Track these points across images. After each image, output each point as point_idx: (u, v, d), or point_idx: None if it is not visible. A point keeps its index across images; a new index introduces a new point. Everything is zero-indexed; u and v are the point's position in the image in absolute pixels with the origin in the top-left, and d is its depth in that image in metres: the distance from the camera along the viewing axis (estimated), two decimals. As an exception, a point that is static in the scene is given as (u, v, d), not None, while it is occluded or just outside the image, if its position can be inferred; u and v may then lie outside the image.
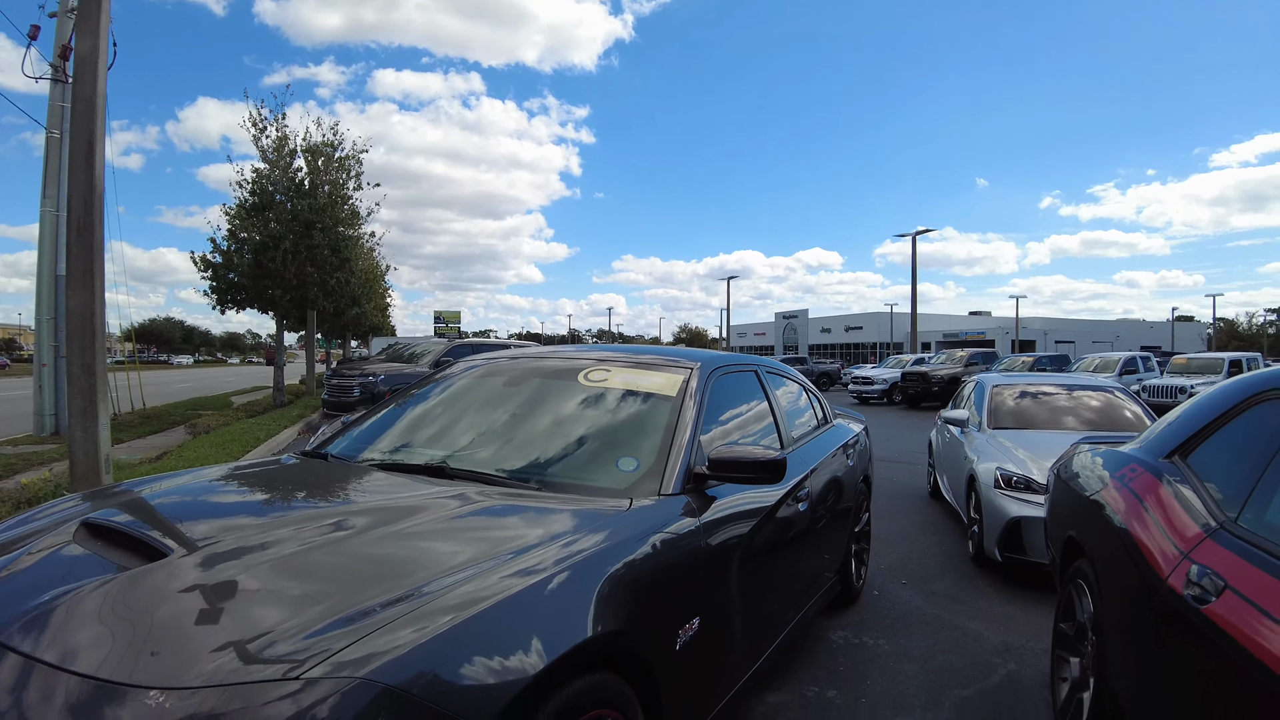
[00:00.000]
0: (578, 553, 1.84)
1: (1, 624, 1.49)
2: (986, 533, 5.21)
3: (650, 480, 2.43)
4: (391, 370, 14.51)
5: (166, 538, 1.83)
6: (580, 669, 1.62)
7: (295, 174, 17.15)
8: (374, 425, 3.24)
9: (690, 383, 2.92)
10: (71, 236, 6.64)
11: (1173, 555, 2.07)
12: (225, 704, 1.21)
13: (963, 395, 8.22)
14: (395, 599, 1.51)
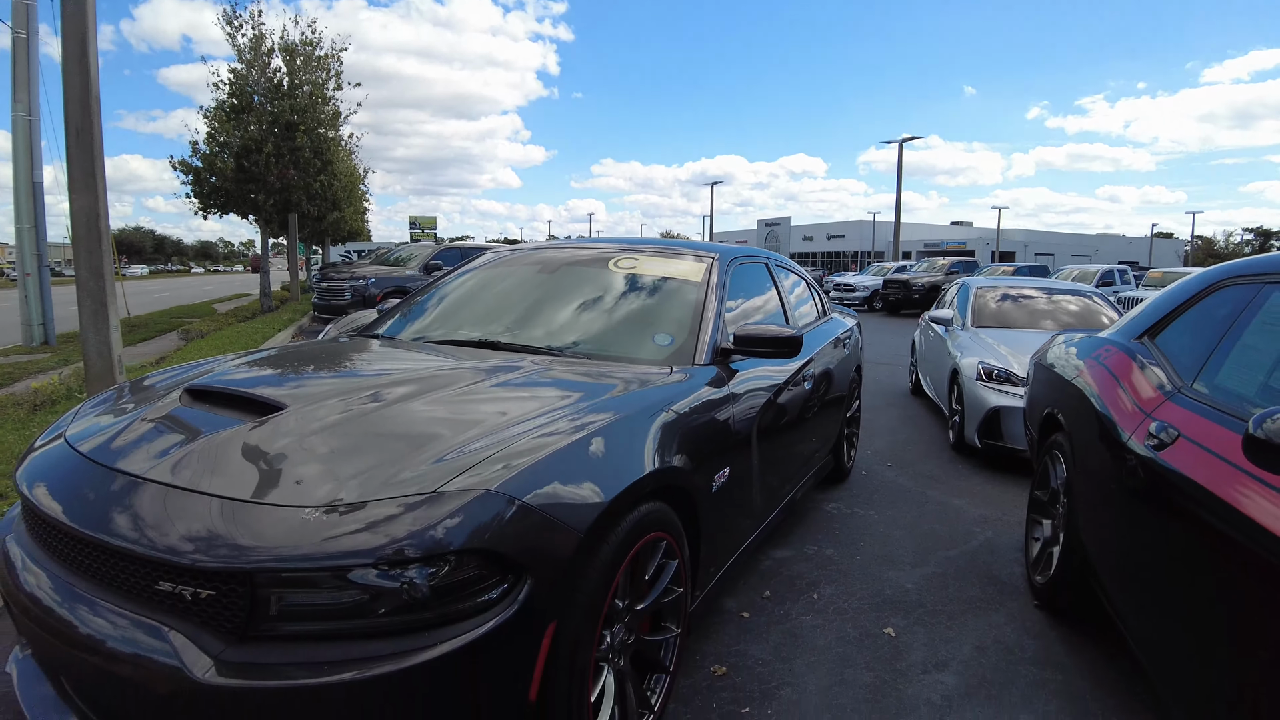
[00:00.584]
0: (638, 404, 2.17)
1: (156, 464, 1.76)
2: (967, 421, 5.58)
3: (684, 353, 2.75)
4: (382, 274, 14.59)
5: (279, 396, 2.09)
6: (645, 495, 1.96)
7: (274, 74, 16.80)
8: (419, 309, 3.47)
9: (713, 270, 3.21)
10: (70, 140, 6.63)
11: (1137, 415, 2.39)
12: (370, 513, 1.52)
13: (947, 297, 8.53)
14: (499, 437, 1.81)
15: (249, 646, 1.45)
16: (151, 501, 1.65)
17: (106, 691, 1.64)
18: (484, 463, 1.67)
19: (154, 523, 1.59)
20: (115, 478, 1.77)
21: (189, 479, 1.69)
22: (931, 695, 2.49)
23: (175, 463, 1.78)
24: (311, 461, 1.72)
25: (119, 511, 1.66)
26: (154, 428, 2.03)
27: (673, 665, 2.22)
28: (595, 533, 1.73)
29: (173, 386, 2.39)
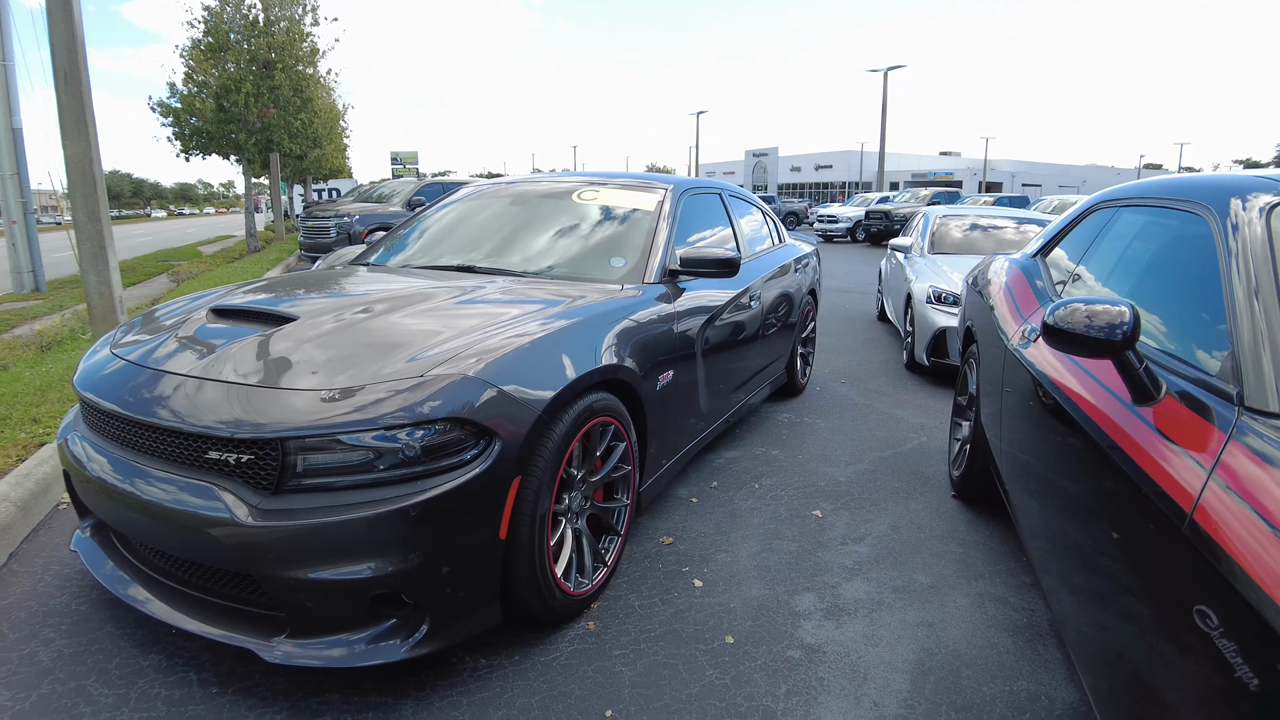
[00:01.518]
0: (591, 314, 2.63)
1: (198, 364, 2.21)
2: (918, 342, 6.04)
3: (635, 273, 3.20)
4: (366, 210, 14.82)
5: (291, 310, 2.54)
6: (594, 386, 2.42)
7: (249, 11, 16.70)
8: (402, 241, 3.89)
9: (665, 201, 3.63)
10: (60, 86, 6.85)
11: (1018, 320, 2.85)
12: (373, 394, 1.97)
13: (911, 226, 8.92)
14: (474, 338, 2.27)
15: (281, 498, 1.91)
16: (199, 391, 2.10)
17: (168, 544, 2.09)
18: (462, 355, 2.14)
19: (203, 407, 2.04)
20: (165, 376, 2.21)
21: (227, 373, 2.14)
22: (845, 561, 2.98)
23: (214, 361, 2.23)
24: (323, 357, 2.18)
25: (172, 401, 2.10)
26: (189, 338, 2.47)
27: (623, 530, 2.72)
28: (550, 411, 2.20)
29: (198, 308, 2.81)
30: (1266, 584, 1.04)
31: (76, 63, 6.80)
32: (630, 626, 2.47)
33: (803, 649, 2.38)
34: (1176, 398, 1.56)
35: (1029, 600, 2.72)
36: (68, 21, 6.77)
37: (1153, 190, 2.42)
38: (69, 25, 6.78)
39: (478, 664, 2.26)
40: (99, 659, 2.29)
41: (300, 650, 1.95)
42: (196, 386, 2.11)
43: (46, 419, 4.12)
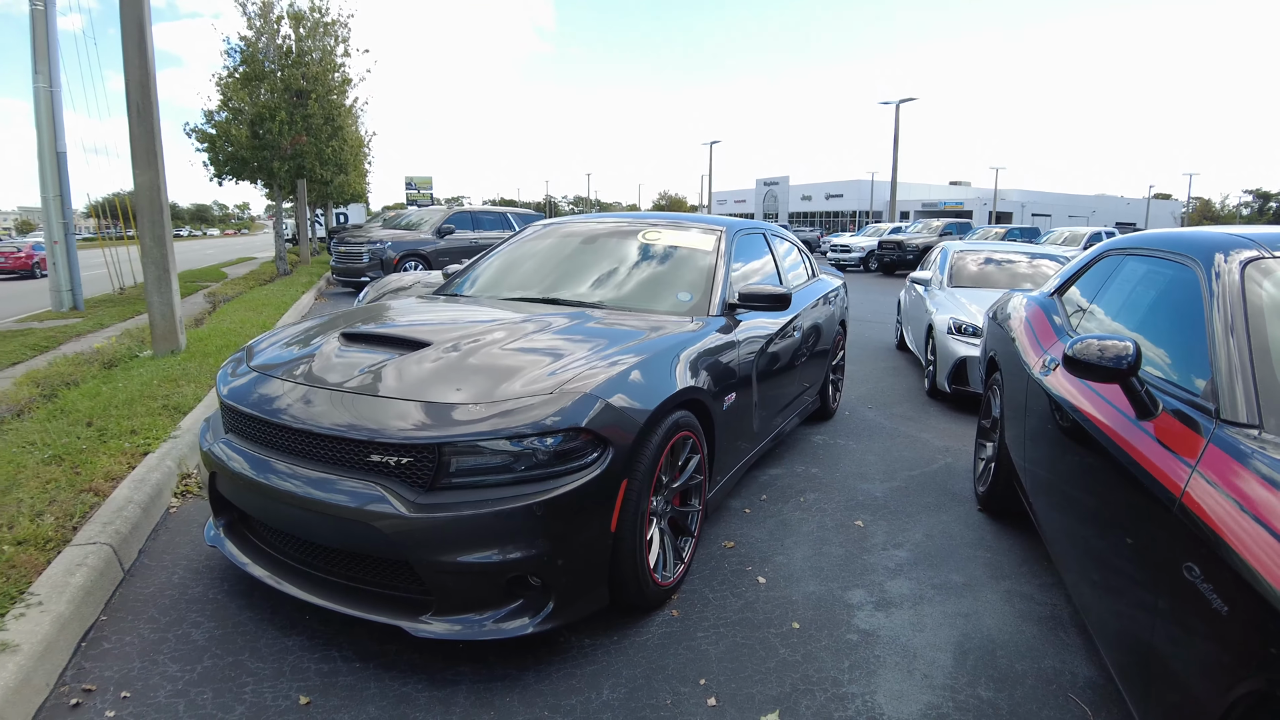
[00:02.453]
0: (671, 343, 3.05)
1: (352, 380, 2.64)
2: (939, 370, 6.41)
3: (700, 306, 3.64)
4: (397, 237, 15.35)
5: (422, 336, 2.97)
6: (679, 404, 2.84)
7: (284, 42, 17.29)
8: (484, 274, 4.33)
9: (720, 241, 4.07)
10: (132, 118, 7.32)
11: (1039, 351, 3.25)
12: (512, 406, 2.39)
13: (929, 259, 9.33)
14: (588, 360, 2.71)
15: (434, 494, 2.32)
16: (358, 403, 2.52)
17: (325, 536, 2.47)
18: (580, 376, 2.56)
19: (365, 416, 2.45)
20: (321, 391, 2.64)
21: (383, 388, 2.57)
22: (887, 563, 3.36)
23: (366, 378, 2.66)
24: (463, 376, 2.60)
25: (333, 412, 2.52)
26: (331, 358, 2.90)
27: (697, 531, 3.13)
28: (650, 424, 2.61)
29: (320, 331, 3.25)
30: (1233, 542, 1.47)
31: (148, 97, 7.25)
32: (709, 614, 2.85)
33: (859, 633, 2.76)
34: (1170, 413, 1.98)
35: (1052, 596, 3.10)
36: (142, 60, 7.23)
37: (1153, 242, 2.85)
38: (143, 63, 7.23)
39: (583, 643, 2.64)
40: (247, 639, 2.67)
41: (444, 626, 2.33)
42: (354, 399, 2.53)
43: (143, 430, 4.51)
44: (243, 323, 9.50)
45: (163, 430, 4.54)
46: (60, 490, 3.53)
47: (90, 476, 3.71)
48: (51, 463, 3.91)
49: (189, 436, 4.55)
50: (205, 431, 3.09)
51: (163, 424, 4.65)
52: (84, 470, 3.79)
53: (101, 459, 3.95)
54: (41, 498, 3.42)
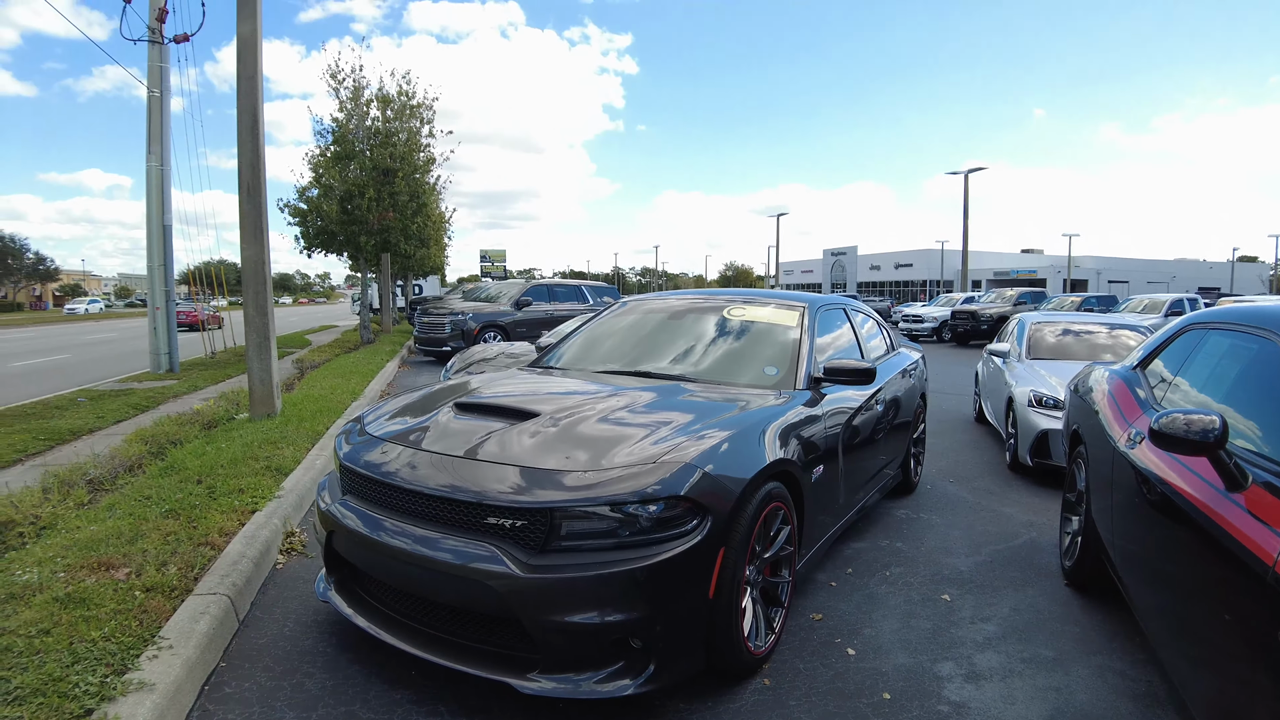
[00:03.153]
0: (762, 417, 3.17)
1: (470, 446, 2.83)
2: (1020, 443, 6.35)
3: (788, 380, 3.77)
4: (480, 309, 15.92)
5: (531, 407, 3.15)
6: (771, 476, 2.94)
7: (373, 123, 18.32)
8: (575, 347, 4.54)
9: (804, 317, 4.21)
10: (243, 197, 7.85)
11: (1124, 425, 3.27)
12: (617, 474, 2.53)
13: (1007, 331, 9.28)
14: (686, 431, 2.85)
15: (545, 555, 2.46)
16: (476, 469, 2.69)
17: (440, 594, 2.62)
18: (681, 446, 2.70)
19: (482, 481, 2.62)
20: (440, 456, 2.83)
21: (499, 455, 2.75)
22: (975, 636, 3.35)
23: (482, 445, 2.84)
24: (572, 446, 2.77)
25: (451, 476, 2.70)
26: (447, 426, 3.10)
27: (787, 602, 3.18)
28: (745, 493, 2.72)
29: (433, 401, 3.48)
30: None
31: (259, 179, 7.79)
32: (800, 683, 2.90)
33: (950, 705, 2.77)
34: (1261, 485, 2.01)
35: (1146, 672, 3.06)
36: (254, 143, 7.79)
37: (1235, 316, 2.91)
38: (255, 148, 7.79)
39: (679, 708, 2.72)
40: (358, 690, 2.82)
41: (551, 684, 2.44)
42: (472, 465, 2.71)
43: (249, 489, 4.78)
44: (333, 389, 9.90)
45: (268, 490, 4.80)
46: (180, 543, 3.78)
47: (205, 531, 3.96)
48: (169, 516, 4.18)
49: (292, 497, 4.81)
50: (322, 492, 3.30)
51: (267, 484, 4.92)
52: (199, 525, 4.05)
53: (214, 515, 4.21)
54: (164, 549, 3.67)
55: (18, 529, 4.13)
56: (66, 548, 3.67)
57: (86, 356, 19.26)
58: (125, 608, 3.03)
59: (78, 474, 5.22)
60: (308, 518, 4.96)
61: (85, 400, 9.96)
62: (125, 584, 3.25)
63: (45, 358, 19.20)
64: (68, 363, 17.62)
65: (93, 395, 10.52)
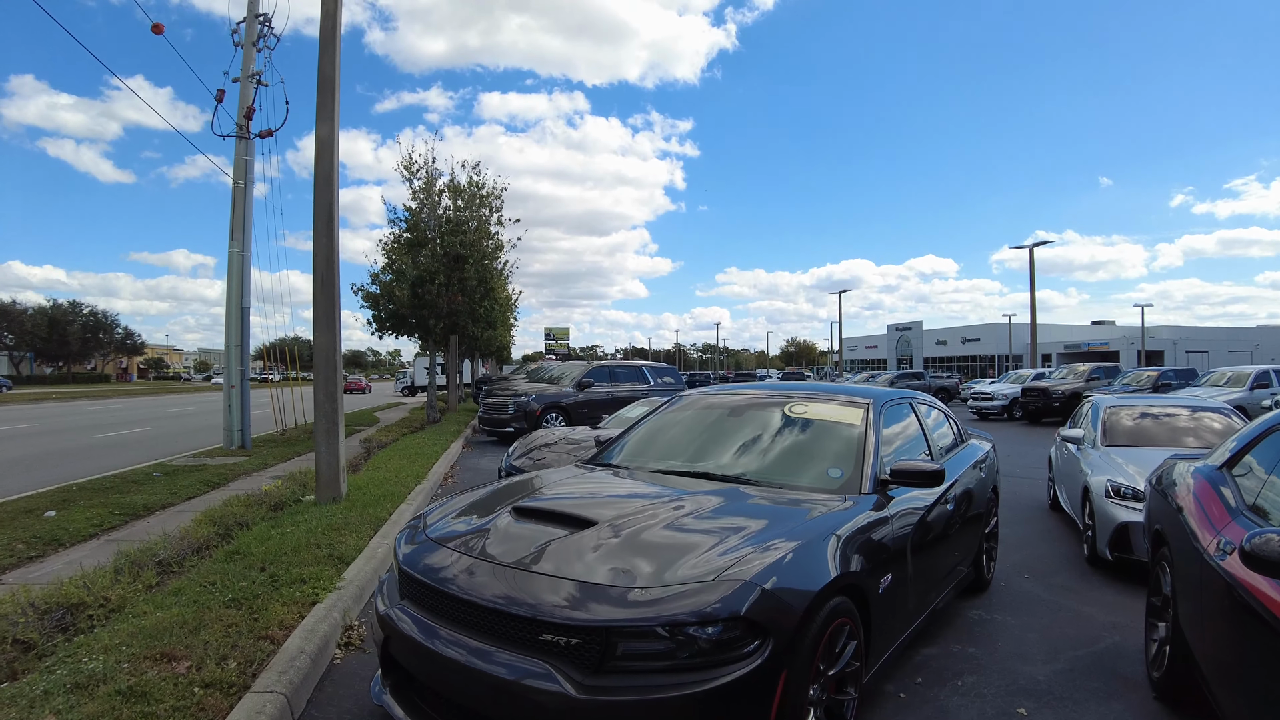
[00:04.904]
0: (829, 526, 3.06)
1: (527, 557, 2.80)
2: (1099, 536, 6.06)
3: (853, 484, 3.65)
4: (543, 391, 16.13)
5: (588, 514, 3.11)
6: (836, 590, 2.82)
7: (445, 212, 19.01)
8: (635, 443, 4.51)
9: (869, 413, 4.11)
10: (317, 288, 8.15)
11: (1211, 532, 3.07)
12: (676, 591, 2.46)
13: (1080, 414, 8.97)
14: (746, 544, 2.76)
15: (600, 676, 2.40)
16: (531, 582, 2.66)
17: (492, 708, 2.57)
18: (741, 561, 2.62)
19: (537, 595, 2.58)
20: (496, 566, 2.80)
21: (557, 568, 2.70)
22: (1056, 758, 3.12)
23: (539, 556, 2.80)
24: (630, 559, 2.72)
25: (506, 588, 2.67)
26: (504, 533, 3.08)
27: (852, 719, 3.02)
28: (809, 612, 2.61)
29: (494, 505, 3.48)
30: None
31: (333, 271, 8.08)
32: (865, 807, 2.73)
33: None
34: None
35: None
36: (329, 236, 8.10)
37: None
38: (330, 239, 8.10)
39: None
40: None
41: None
42: (528, 578, 2.67)
43: (311, 579, 4.81)
44: (398, 472, 10.01)
45: (329, 581, 4.83)
46: (240, 635, 3.81)
47: (266, 624, 4.00)
48: (232, 606, 4.24)
49: (352, 588, 4.83)
50: (379, 593, 3.31)
51: (328, 574, 4.96)
52: (260, 616, 4.08)
53: (275, 606, 4.24)
54: (225, 641, 3.71)
55: (88, 611, 4.24)
56: (132, 635, 3.75)
57: (164, 430, 20.02)
58: (184, 704, 3.07)
59: (147, 555, 5.34)
60: (367, 610, 4.98)
61: (160, 475, 10.30)
62: (185, 678, 3.29)
63: (127, 430, 20.03)
64: (147, 435, 18.33)
65: (167, 470, 10.88)
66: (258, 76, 14.59)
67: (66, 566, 5.73)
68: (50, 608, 4.20)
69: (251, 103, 14.50)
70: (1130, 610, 5.02)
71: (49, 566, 5.85)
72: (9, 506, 8.05)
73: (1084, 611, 5.03)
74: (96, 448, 15.35)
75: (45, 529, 6.87)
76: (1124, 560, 5.83)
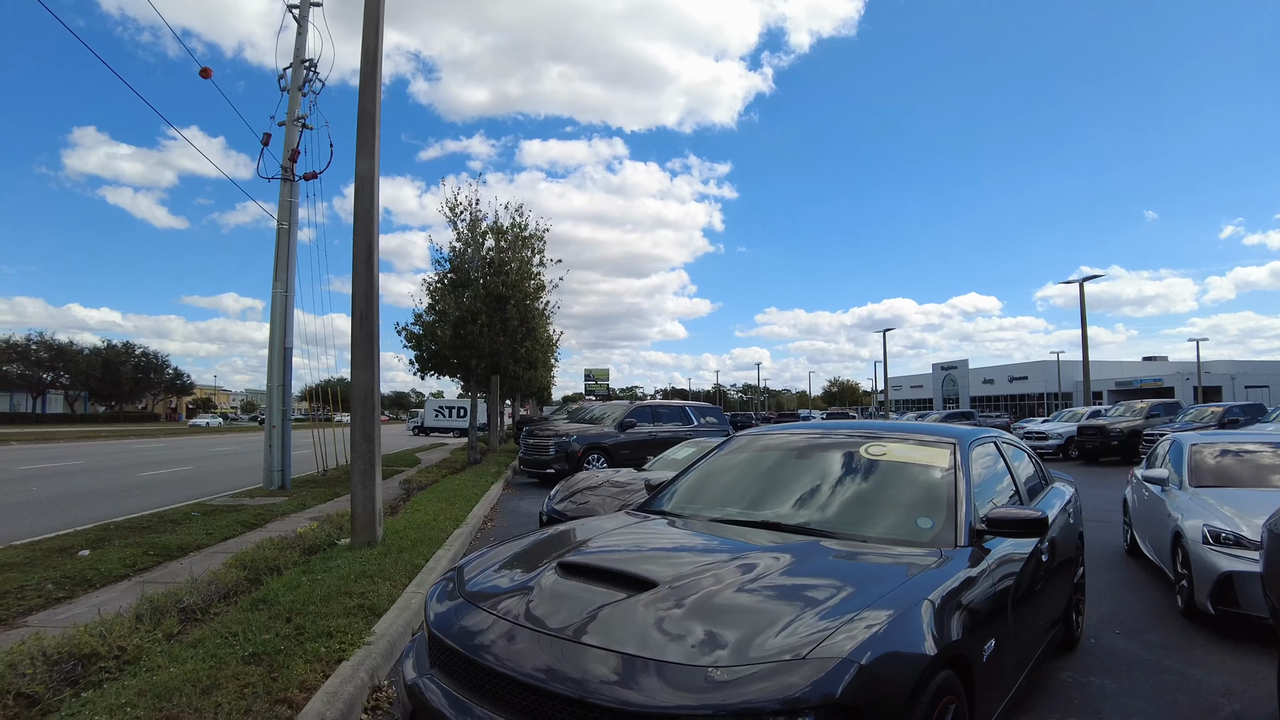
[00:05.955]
0: (923, 587, 2.59)
1: (576, 627, 2.36)
2: (1197, 587, 5.47)
3: (945, 536, 3.17)
4: (584, 431, 15.79)
5: (646, 573, 2.66)
6: (943, 664, 2.37)
7: (488, 254, 18.95)
8: (692, 487, 4.06)
9: (956, 454, 3.64)
10: (355, 325, 7.91)
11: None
12: (757, 673, 2.03)
13: (1158, 454, 8.36)
14: (830, 610, 2.32)
15: None
16: (578, 655, 2.22)
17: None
18: (831, 633, 2.17)
19: (588, 671, 2.15)
20: (538, 635, 2.37)
21: (607, 638, 2.26)
22: None
23: (587, 625, 2.36)
24: (695, 627, 2.27)
25: (550, 662, 2.24)
26: (548, 594, 2.65)
27: None
28: (915, 693, 2.18)
29: (538, 559, 3.06)
30: None
31: (372, 307, 7.84)
32: None
33: None
34: None
35: None
36: (369, 273, 7.86)
37: None
38: (369, 275, 7.87)
39: None
40: None
41: None
42: (575, 649, 2.25)
43: (338, 633, 4.45)
44: (436, 515, 9.69)
45: (357, 635, 4.47)
46: (256, 698, 3.46)
47: (285, 684, 3.64)
48: (251, 661, 3.90)
49: (382, 644, 4.47)
50: (409, 656, 2.93)
51: (357, 627, 4.60)
52: (280, 676, 3.73)
53: (297, 663, 3.89)
54: (238, 705, 3.37)
55: (101, 663, 3.94)
56: (140, 693, 3.44)
57: (206, 470, 20.02)
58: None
59: (171, 601, 5.06)
60: (397, 669, 4.62)
61: (198, 515, 10.15)
62: (189, 751, 2.94)
63: (170, 469, 20.08)
64: (189, 475, 18.32)
65: (206, 509, 10.73)
66: (302, 120, 14.70)
67: (91, 610, 5.49)
68: (62, 658, 3.90)
69: (296, 145, 14.60)
70: (1248, 674, 4.45)
71: (75, 609, 5.63)
72: (44, 545, 7.91)
73: (1191, 675, 4.48)
74: (139, 486, 15.33)
75: (77, 568, 6.70)
76: (1230, 615, 5.24)
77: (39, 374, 79.48)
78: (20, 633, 4.99)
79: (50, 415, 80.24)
